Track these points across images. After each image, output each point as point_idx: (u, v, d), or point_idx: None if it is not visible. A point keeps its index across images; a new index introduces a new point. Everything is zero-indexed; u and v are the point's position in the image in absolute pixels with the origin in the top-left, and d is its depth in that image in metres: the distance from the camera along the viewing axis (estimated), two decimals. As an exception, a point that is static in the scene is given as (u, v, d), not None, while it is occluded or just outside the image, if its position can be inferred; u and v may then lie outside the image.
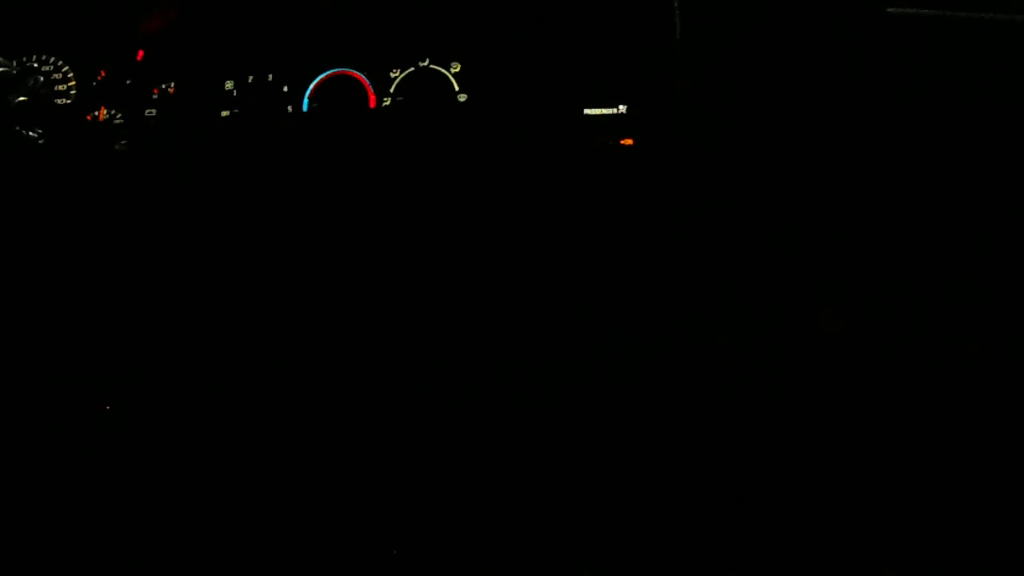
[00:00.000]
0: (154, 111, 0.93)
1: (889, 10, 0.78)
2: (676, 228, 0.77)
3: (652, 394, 0.77)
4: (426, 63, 0.85)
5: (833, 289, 0.78)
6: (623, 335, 0.78)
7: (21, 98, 0.85)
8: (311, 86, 0.88)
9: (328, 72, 0.88)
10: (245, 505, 0.82)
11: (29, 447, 0.85)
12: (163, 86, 0.93)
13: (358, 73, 0.86)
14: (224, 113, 0.90)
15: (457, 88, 0.83)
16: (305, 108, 0.87)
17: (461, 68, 0.83)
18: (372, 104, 0.85)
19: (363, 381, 0.83)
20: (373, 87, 0.86)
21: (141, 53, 0.96)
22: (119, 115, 0.93)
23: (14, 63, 0.87)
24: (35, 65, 0.99)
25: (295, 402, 0.84)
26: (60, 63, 0.98)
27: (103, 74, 0.96)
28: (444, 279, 0.82)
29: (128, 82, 0.95)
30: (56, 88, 0.97)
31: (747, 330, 0.77)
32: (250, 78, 0.90)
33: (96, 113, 0.94)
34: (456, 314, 0.82)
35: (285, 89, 0.88)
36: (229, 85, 0.91)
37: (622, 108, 0.78)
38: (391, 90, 0.85)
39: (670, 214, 0.77)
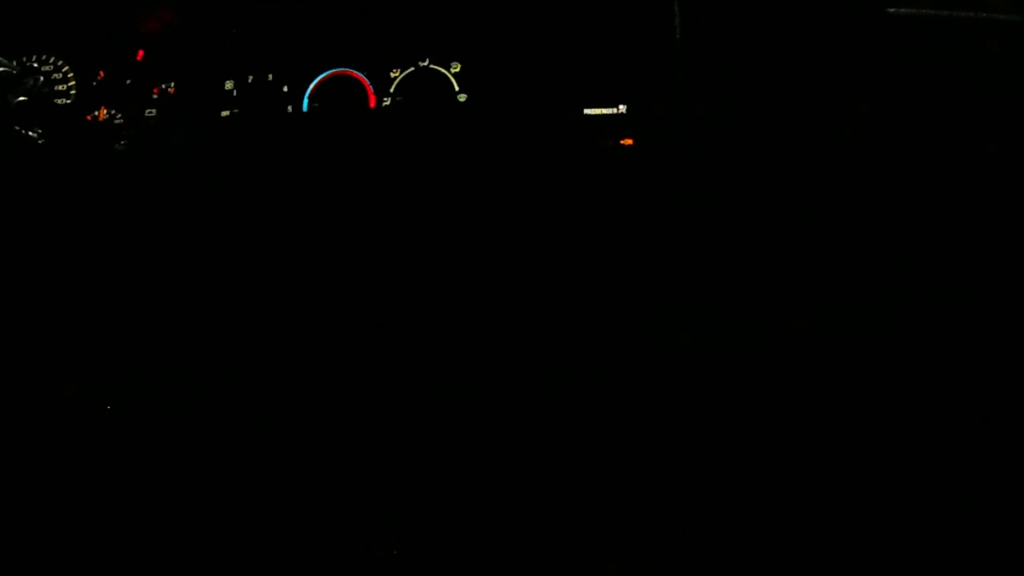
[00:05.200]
0: (154, 111, 0.93)
1: (889, 10, 0.78)
2: (676, 228, 0.77)
3: (652, 394, 0.77)
4: (426, 63, 0.85)
5: (833, 288, 0.78)
6: (624, 334, 0.78)
7: (21, 98, 0.85)
8: (311, 86, 0.88)
9: (328, 72, 0.88)
10: (245, 506, 0.82)
11: (29, 447, 0.85)
12: (163, 86, 0.93)
13: (358, 73, 0.87)
14: (224, 113, 0.90)
15: (457, 88, 0.83)
16: (305, 108, 0.87)
17: (461, 68, 0.83)
18: (372, 104, 0.85)
19: (363, 381, 0.83)
20: (373, 87, 0.86)
21: (141, 53, 0.96)
22: (119, 115, 0.93)
23: (14, 63, 0.87)
24: (35, 65, 0.99)
25: (295, 402, 0.84)
26: (60, 63, 0.99)
27: (103, 74, 0.96)
28: (444, 279, 0.82)
29: (128, 82, 0.95)
30: (56, 88, 0.97)
31: (748, 329, 0.77)
32: (250, 78, 0.90)
33: (96, 113, 0.94)
34: (456, 313, 0.82)
35: (285, 89, 0.89)
36: (229, 85, 0.91)
37: (622, 108, 0.78)
38: (391, 90, 0.85)
39: (670, 214, 0.77)
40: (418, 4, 0.87)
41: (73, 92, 0.97)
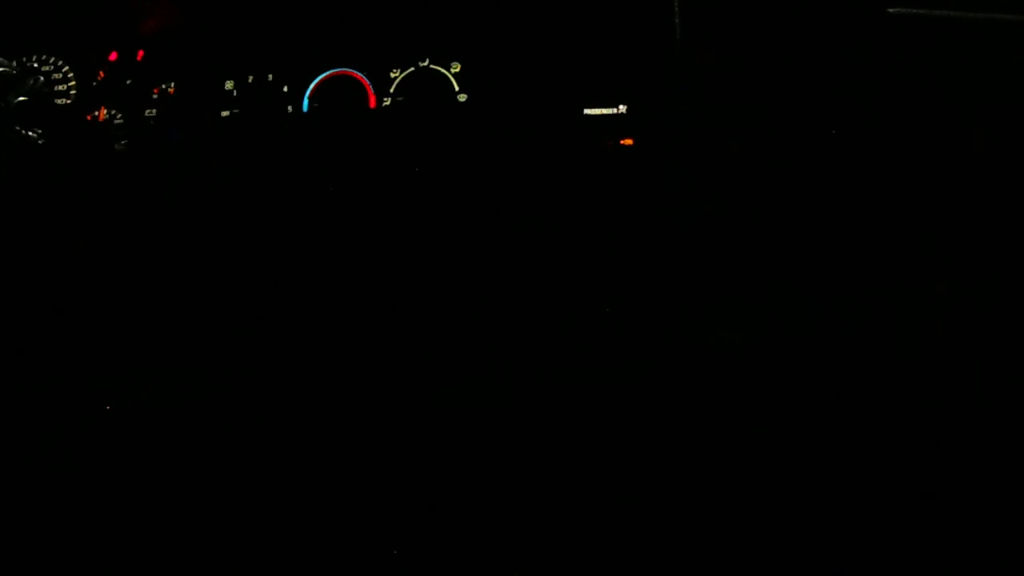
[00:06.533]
0: (154, 111, 0.93)
1: (889, 10, 0.78)
2: (676, 228, 0.77)
3: (651, 395, 0.77)
4: (426, 63, 0.85)
5: (833, 289, 0.78)
6: (622, 335, 0.78)
7: (21, 98, 0.85)
8: (311, 86, 0.88)
9: (328, 72, 0.88)
10: (244, 507, 0.82)
11: (29, 447, 0.85)
12: (163, 86, 0.93)
13: (358, 73, 0.87)
14: (224, 113, 0.90)
15: (457, 88, 0.83)
16: (305, 108, 0.87)
17: (461, 68, 0.83)
18: (372, 104, 0.85)
19: (363, 381, 0.83)
20: (373, 87, 0.86)
21: (141, 53, 0.96)
22: (119, 115, 0.93)
23: (14, 63, 0.87)
24: (35, 65, 0.99)
25: (295, 402, 0.84)
26: (60, 63, 0.99)
27: (103, 74, 0.96)
28: (444, 279, 0.82)
29: (128, 82, 0.95)
30: (56, 88, 0.97)
31: (747, 331, 0.77)
32: (250, 78, 0.90)
33: (96, 113, 0.94)
34: (456, 314, 0.82)
35: (285, 89, 0.89)
36: (229, 85, 0.91)
37: (622, 108, 0.78)
38: (391, 90, 0.85)
39: (670, 214, 0.77)
40: (418, 4, 0.87)
41: (73, 92, 0.97)
